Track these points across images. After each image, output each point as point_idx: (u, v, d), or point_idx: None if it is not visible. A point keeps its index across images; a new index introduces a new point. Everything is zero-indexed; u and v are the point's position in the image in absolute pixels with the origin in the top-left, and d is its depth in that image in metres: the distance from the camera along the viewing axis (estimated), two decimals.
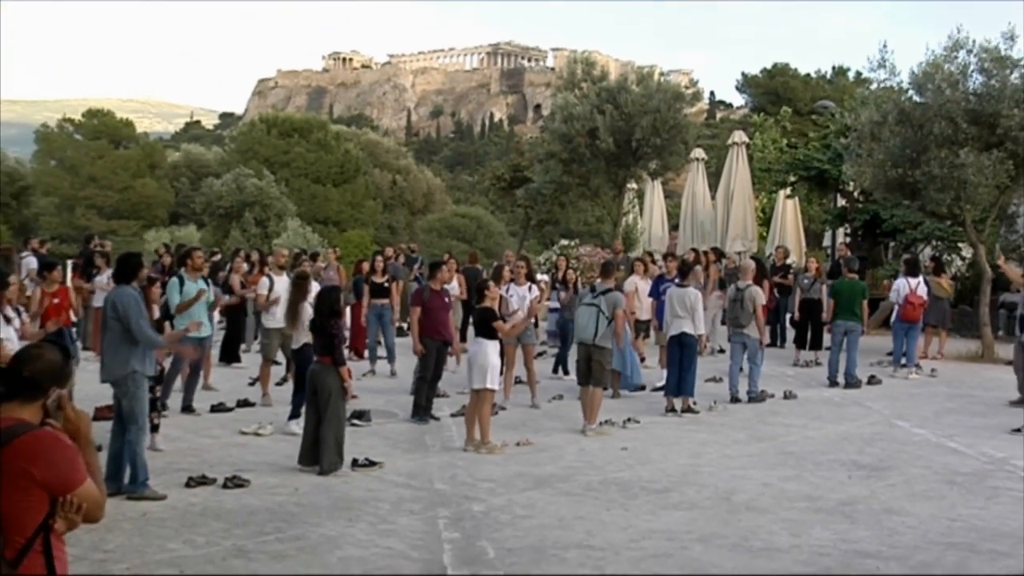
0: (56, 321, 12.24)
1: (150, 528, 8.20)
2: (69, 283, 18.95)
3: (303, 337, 12.63)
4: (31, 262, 18.53)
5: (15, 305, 9.81)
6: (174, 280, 13.36)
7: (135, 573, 7.22)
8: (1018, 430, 12.60)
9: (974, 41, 20.01)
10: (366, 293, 18.07)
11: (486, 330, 12.08)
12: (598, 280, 14.38)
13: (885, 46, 21.29)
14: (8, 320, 9.51)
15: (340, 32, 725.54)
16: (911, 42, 37.58)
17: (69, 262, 22.15)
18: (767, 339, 17.47)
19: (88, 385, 12.23)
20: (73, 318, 13.88)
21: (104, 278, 18.03)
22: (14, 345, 9.35)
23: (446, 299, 14.21)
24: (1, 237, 39.52)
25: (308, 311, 12.21)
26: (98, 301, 17.90)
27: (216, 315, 16.46)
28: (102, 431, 10.99)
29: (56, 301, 12.36)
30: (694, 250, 23.90)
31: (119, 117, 68.20)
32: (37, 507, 3.79)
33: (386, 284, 18.22)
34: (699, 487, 10.01)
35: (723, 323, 19.33)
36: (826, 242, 32.40)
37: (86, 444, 4.00)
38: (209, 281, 14.47)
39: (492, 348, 12.01)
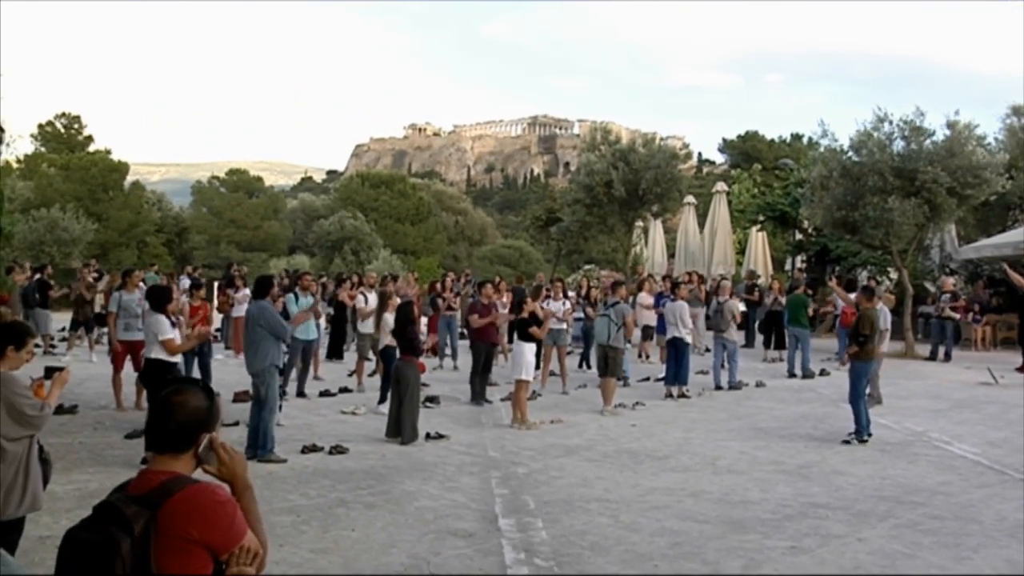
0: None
1: (275, 483, 8.23)
2: (215, 297, 19.22)
3: (386, 340, 12.70)
4: (185, 282, 18.83)
5: (176, 316, 9.93)
6: (290, 295, 13.47)
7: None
8: (846, 441, 10.72)
9: (894, 115, 20.17)
10: (441, 307, 18.08)
11: (524, 334, 12.08)
12: (610, 296, 14.38)
13: (823, 122, 21.52)
14: (175, 324, 9.64)
15: (417, 107, 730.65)
16: (847, 116, 37.32)
17: (216, 283, 22.44)
18: (743, 340, 17.34)
19: (228, 376, 12.37)
20: (216, 325, 14.07)
21: (241, 294, 18.21)
22: (178, 342, 9.50)
23: (493, 311, 14.19)
24: (167, 265, 40.05)
25: (389, 320, 12.26)
26: (236, 311, 18.10)
27: (323, 322, 16.58)
28: (240, 411, 11.15)
29: (201, 313, 12.65)
30: (690, 273, 23.80)
31: (252, 174, 68.65)
32: (199, 568, 2.66)
33: (451, 300, 18.25)
34: (691, 455, 9.95)
35: (708, 328, 19.21)
36: (787, 267, 32.10)
37: (243, 488, 2.92)
38: (316, 296, 14.54)
39: (528, 349, 11.97)
